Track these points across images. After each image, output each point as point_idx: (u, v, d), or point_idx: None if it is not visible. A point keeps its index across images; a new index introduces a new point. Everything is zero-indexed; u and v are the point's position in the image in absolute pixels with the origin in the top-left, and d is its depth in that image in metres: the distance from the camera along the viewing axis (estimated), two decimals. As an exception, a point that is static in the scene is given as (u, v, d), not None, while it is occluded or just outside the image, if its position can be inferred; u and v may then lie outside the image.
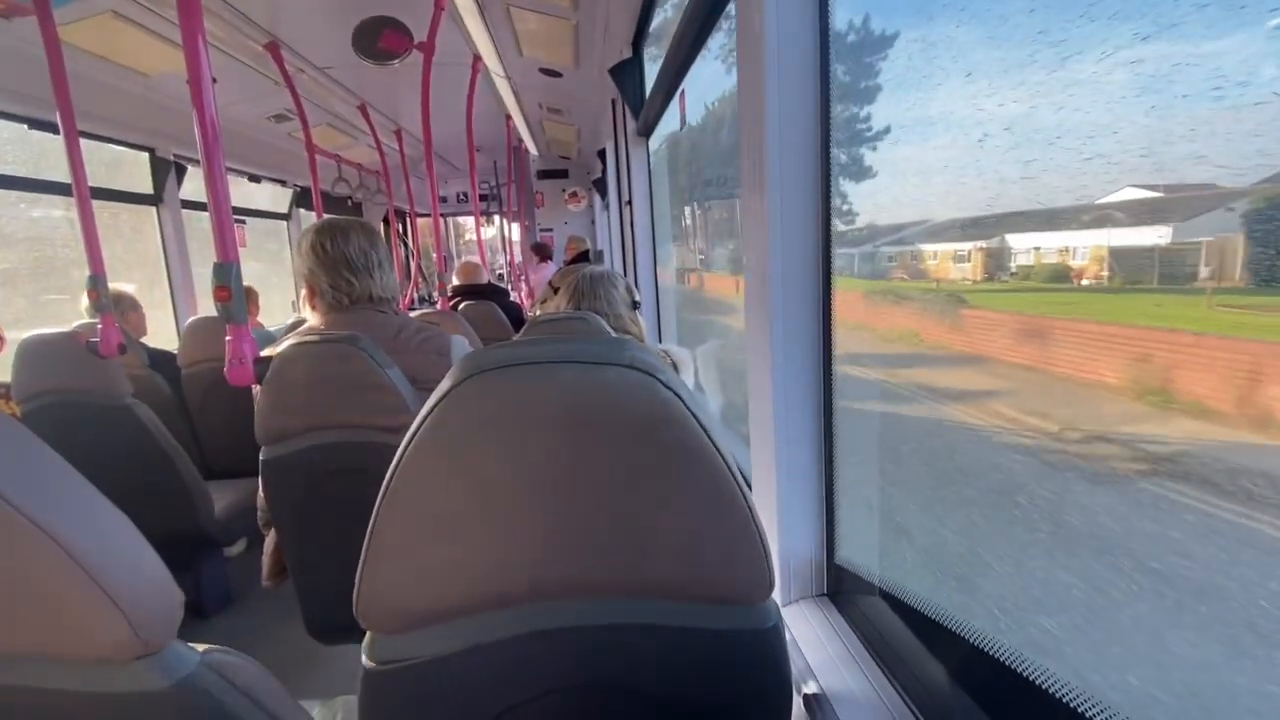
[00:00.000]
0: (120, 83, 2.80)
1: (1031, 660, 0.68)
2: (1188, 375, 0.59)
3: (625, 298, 1.70)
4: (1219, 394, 0.57)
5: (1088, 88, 0.60)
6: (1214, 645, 0.56)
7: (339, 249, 1.29)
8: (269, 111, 3.65)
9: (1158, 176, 0.58)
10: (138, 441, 1.96)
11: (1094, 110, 0.60)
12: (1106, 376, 0.68)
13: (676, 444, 0.50)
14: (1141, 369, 0.64)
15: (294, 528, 1.30)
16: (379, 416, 1.18)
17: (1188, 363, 0.59)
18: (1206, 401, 0.58)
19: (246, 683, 0.54)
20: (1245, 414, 0.54)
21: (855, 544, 1.01)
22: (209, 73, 1.33)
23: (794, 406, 0.99)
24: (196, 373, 2.53)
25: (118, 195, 3.31)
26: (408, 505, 0.51)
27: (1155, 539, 0.61)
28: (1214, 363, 0.57)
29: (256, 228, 4.80)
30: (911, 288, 1.05)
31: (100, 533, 0.49)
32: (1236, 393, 0.55)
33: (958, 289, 0.93)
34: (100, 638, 0.47)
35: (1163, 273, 0.63)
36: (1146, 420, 0.63)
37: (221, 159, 1.35)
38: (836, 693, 0.84)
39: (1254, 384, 0.54)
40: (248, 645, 0.57)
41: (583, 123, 4.63)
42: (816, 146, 0.95)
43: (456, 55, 2.95)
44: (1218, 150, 0.50)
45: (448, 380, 0.50)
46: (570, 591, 0.55)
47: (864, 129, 1.03)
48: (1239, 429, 0.55)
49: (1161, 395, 0.61)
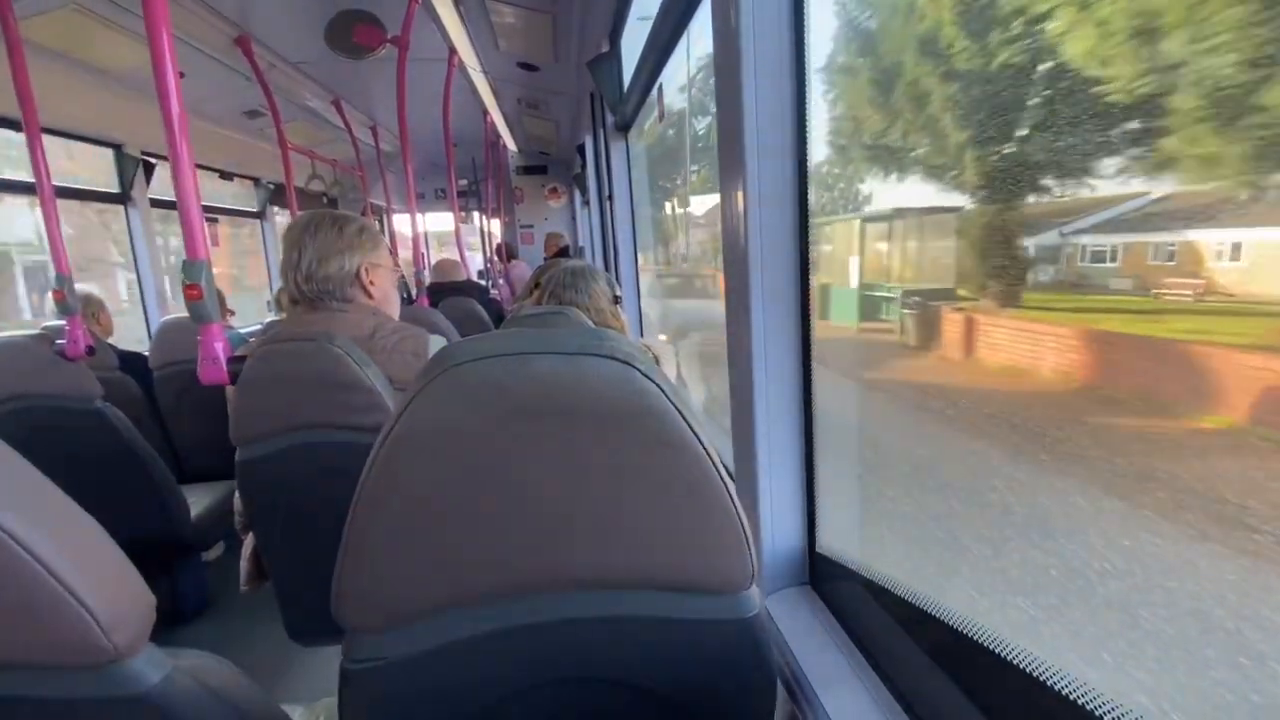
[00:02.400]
0: (84, 78, 2.72)
1: (1010, 643, 0.69)
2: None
3: (606, 292, 1.69)
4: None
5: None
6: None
7: (289, 244, 1.27)
8: (240, 107, 3.58)
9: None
10: (109, 445, 1.92)
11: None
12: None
13: (656, 434, 0.50)
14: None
15: (272, 530, 1.28)
16: (356, 416, 1.16)
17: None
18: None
19: (222, 686, 0.53)
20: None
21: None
22: (173, 66, 1.30)
23: (775, 397, 1.00)
24: (169, 375, 2.48)
25: (83, 194, 3.23)
26: (384, 502, 0.50)
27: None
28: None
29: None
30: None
31: (67, 536, 0.48)
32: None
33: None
34: (69, 643, 0.46)
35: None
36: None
37: (189, 154, 1.32)
38: (819, 679, 0.85)
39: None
40: (228, 650, 0.56)
41: (561, 118, 4.61)
42: (792, 137, 0.96)
43: (432, 50, 2.91)
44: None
45: (424, 373, 0.49)
46: (551, 585, 0.54)
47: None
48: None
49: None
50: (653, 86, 2.37)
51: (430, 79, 3.18)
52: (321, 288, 1.27)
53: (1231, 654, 0.62)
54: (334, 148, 4.69)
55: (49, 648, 0.46)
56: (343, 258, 1.28)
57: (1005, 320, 0.96)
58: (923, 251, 1.24)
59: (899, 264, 1.30)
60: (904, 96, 1.11)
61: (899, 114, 1.17)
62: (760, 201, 0.95)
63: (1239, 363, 0.63)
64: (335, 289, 1.28)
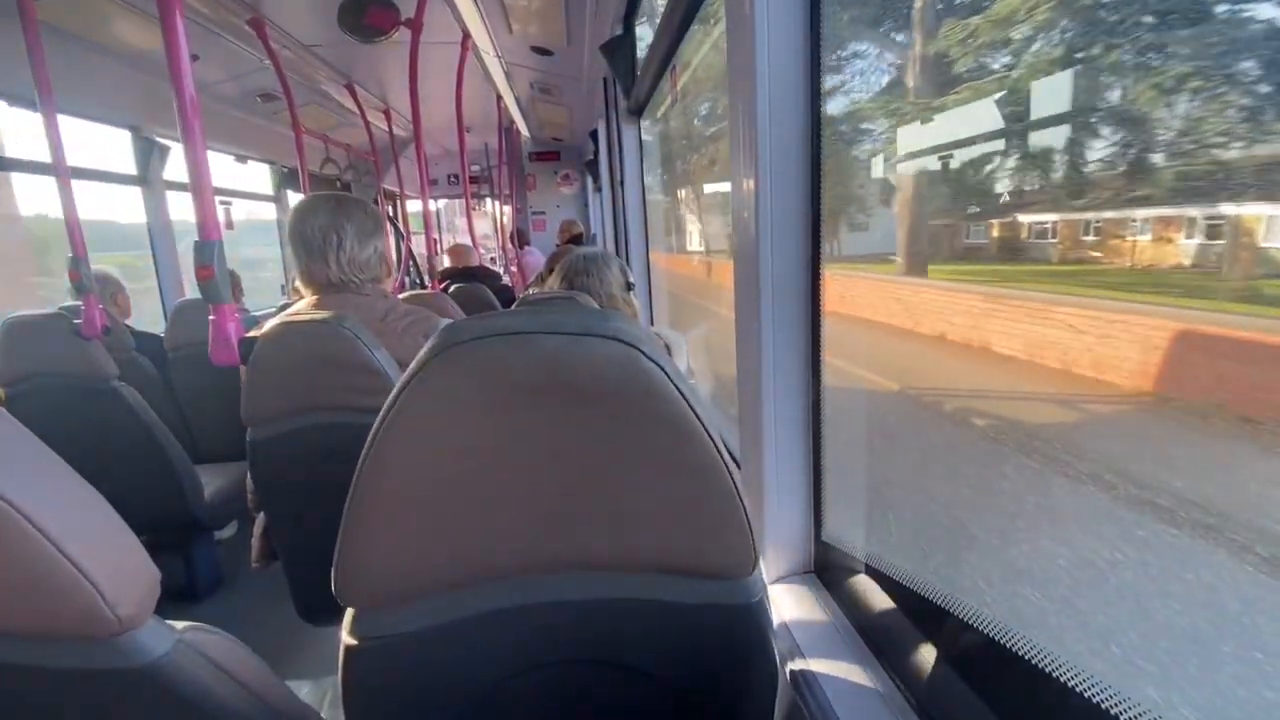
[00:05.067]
0: (102, 60, 2.74)
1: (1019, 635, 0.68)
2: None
3: (619, 278, 1.68)
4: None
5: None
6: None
7: (301, 229, 1.27)
8: (255, 90, 3.59)
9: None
10: (125, 425, 1.95)
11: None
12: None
13: (660, 416, 0.50)
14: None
15: (281, 510, 1.30)
16: (365, 398, 1.17)
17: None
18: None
19: (226, 660, 0.54)
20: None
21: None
22: (186, 46, 1.30)
23: (782, 385, 0.99)
24: (184, 356, 2.51)
25: (100, 175, 3.26)
26: (386, 479, 0.50)
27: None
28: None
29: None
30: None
31: (72, 511, 0.49)
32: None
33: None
34: (74, 614, 0.47)
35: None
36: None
37: (201, 136, 1.33)
38: (822, 669, 0.84)
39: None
40: (240, 628, 0.57)
41: (574, 103, 4.57)
42: (807, 123, 0.94)
43: (445, 33, 2.89)
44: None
45: (425, 351, 0.49)
46: (552, 565, 0.54)
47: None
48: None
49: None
50: (666, 70, 2.34)
51: (443, 63, 3.17)
52: (362, 271, 1.30)
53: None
54: (347, 132, 4.69)
55: (54, 618, 0.47)
56: (374, 240, 1.31)
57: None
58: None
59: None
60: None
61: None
62: (771, 187, 0.94)
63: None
64: (369, 272, 1.31)
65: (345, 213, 1.28)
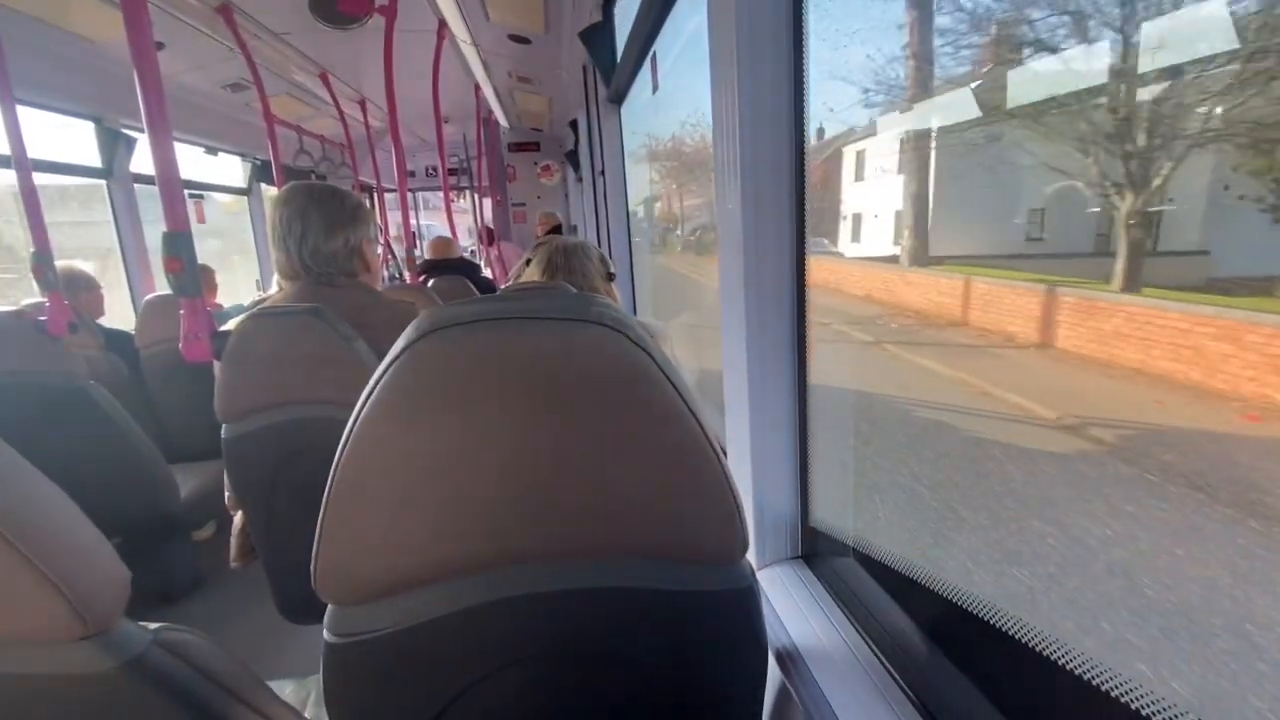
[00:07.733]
0: (63, 49, 2.64)
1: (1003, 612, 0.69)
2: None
3: (600, 269, 1.66)
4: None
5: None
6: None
7: (271, 217, 1.23)
8: (224, 80, 3.49)
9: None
10: (96, 425, 1.89)
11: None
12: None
13: (646, 401, 0.49)
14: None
15: (260, 507, 1.27)
16: (343, 391, 1.14)
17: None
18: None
19: (202, 660, 0.52)
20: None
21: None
22: (151, 34, 1.26)
23: (769, 369, 0.98)
24: (156, 353, 2.44)
25: (63, 168, 3.16)
26: (364, 471, 0.49)
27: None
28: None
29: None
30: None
31: (37, 512, 0.47)
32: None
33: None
34: (40, 618, 0.45)
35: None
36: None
37: (168, 126, 1.28)
38: (812, 653, 0.85)
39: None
40: (220, 628, 0.56)
41: (554, 92, 4.52)
42: (789, 107, 0.93)
43: (421, 20, 2.83)
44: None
45: (404, 338, 0.47)
46: (537, 555, 0.53)
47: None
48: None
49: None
50: (646, 56, 2.32)
51: (419, 52, 3.10)
52: (329, 263, 1.25)
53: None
54: (321, 123, 4.59)
55: (20, 622, 0.45)
56: (348, 232, 1.26)
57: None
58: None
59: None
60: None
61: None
62: (756, 168, 0.93)
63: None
64: (342, 264, 1.26)
65: (315, 202, 1.23)
